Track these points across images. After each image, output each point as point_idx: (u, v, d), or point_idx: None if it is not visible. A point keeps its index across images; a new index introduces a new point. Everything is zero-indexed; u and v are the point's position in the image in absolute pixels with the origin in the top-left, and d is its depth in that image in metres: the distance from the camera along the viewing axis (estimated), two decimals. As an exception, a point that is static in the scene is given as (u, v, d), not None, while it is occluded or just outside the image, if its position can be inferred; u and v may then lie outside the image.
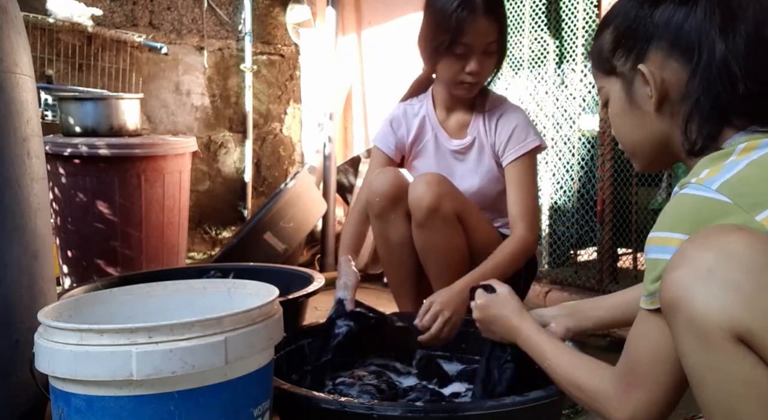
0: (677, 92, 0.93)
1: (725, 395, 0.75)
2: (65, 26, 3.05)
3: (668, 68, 0.93)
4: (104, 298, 1.20)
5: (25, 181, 1.31)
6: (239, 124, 3.75)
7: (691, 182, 0.85)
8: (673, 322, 0.78)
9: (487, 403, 1.13)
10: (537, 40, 2.86)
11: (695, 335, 0.75)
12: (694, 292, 0.75)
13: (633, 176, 2.57)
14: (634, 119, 1.00)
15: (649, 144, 1.00)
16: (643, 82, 0.95)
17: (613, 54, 0.99)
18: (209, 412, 0.98)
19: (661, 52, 0.93)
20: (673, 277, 0.78)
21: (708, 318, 0.74)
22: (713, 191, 0.81)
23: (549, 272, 2.81)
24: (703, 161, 0.89)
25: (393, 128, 1.88)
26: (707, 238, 0.77)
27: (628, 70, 0.98)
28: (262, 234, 2.81)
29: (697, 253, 0.76)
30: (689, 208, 0.84)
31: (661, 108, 0.95)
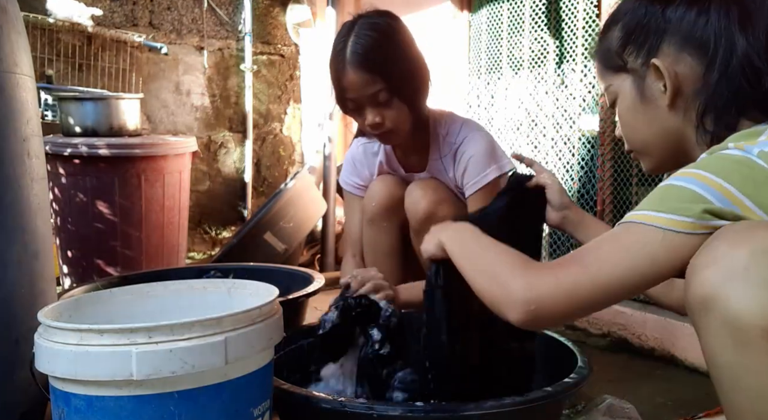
0: (691, 87, 0.93)
1: (759, 397, 0.73)
2: (65, 26, 3.06)
3: (682, 62, 0.93)
4: (104, 298, 1.20)
5: (25, 181, 1.31)
6: (239, 124, 3.75)
7: (729, 146, 0.83)
8: (704, 322, 0.76)
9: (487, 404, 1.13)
10: (537, 40, 2.86)
11: (731, 334, 0.73)
12: (730, 291, 0.73)
13: (633, 176, 2.56)
14: (646, 115, 0.99)
15: (662, 140, 0.99)
16: (656, 76, 0.95)
17: (623, 50, 0.99)
18: (209, 412, 0.98)
19: (674, 46, 0.93)
20: (704, 275, 0.76)
21: (745, 317, 0.72)
22: (755, 155, 0.80)
23: (549, 272, 2.80)
24: (734, 136, 0.86)
25: (357, 168, 1.85)
26: (739, 235, 0.75)
27: (640, 65, 0.97)
28: (262, 234, 2.81)
29: (730, 251, 0.75)
30: (734, 161, 0.81)
31: (674, 103, 0.94)
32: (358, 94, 1.58)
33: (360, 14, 1.63)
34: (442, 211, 1.66)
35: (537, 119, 2.91)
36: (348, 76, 1.57)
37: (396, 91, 1.58)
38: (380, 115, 1.59)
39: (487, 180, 1.67)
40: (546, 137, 2.87)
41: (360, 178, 1.84)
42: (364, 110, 1.60)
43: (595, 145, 2.67)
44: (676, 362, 1.98)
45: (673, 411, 1.64)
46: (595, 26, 2.64)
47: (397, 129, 1.63)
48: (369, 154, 1.83)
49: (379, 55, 1.57)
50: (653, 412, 1.62)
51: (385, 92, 1.57)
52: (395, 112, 1.60)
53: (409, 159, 1.80)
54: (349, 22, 1.62)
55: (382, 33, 1.58)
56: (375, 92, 1.57)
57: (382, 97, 1.57)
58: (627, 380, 1.85)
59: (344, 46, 1.58)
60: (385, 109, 1.59)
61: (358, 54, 1.55)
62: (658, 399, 1.72)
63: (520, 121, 2.97)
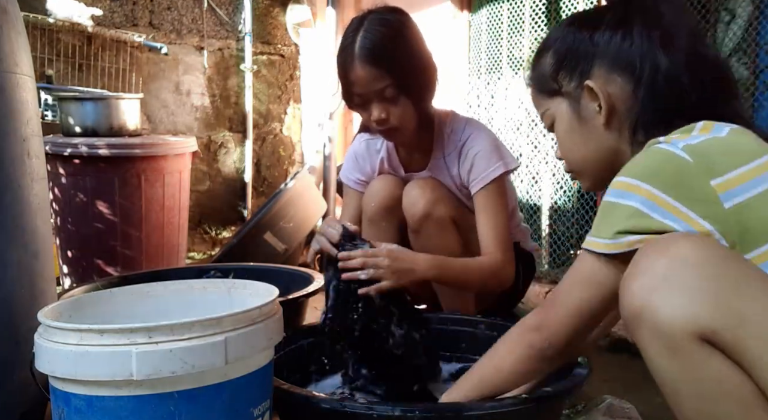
0: (623, 105, 0.99)
1: (700, 399, 0.76)
2: (65, 26, 3.06)
3: (613, 83, 0.99)
4: (104, 298, 1.20)
5: (25, 181, 1.31)
6: (239, 124, 3.75)
7: (660, 141, 0.89)
8: (639, 333, 0.79)
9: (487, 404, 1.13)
10: (537, 40, 2.86)
11: (662, 343, 0.76)
12: (655, 300, 0.76)
13: (633, 176, 2.57)
14: (583, 136, 1.04)
15: (599, 158, 1.05)
16: (590, 98, 1.01)
17: (556, 75, 1.05)
18: (209, 412, 0.98)
19: (605, 68, 1.00)
20: (631, 289, 0.79)
21: (672, 323, 0.75)
22: (679, 148, 0.85)
23: (549, 272, 2.81)
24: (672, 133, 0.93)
25: (359, 164, 1.84)
26: (659, 247, 0.79)
27: (574, 88, 1.03)
28: (262, 234, 2.81)
29: (651, 263, 0.78)
30: (657, 160, 0.88)
31: (609, 122, 1.01)
32: (365, 89, 1.57)
33: (370, 10, 1.62)
34: (439, 210, 1.66)
35: (537, 119, 2.91)
36: (356, 71, 1.55)
37: (403, 88, 1.57)
38: (386, 111, 1.58)
39: (494, 175, 1.66)
40: (546, 137, 2.87)
41: (361, 174, 1.83)
42: (370, 106, 1.59)
43: (595, 145, 2.67)
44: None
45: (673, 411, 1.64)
46: (595, 26, 2.64)
47: (402, 127, 1.62)
48: (371, 151, 1.83)
49: (388, 50, 1.56)
50: (653, 412, 1.62)
51: (392, 88, 1.56)
52: (401, 109, 1.59)
53: (412, 158, 1.79)
54: (358, 18, 1.61)
55: (391, 29, 1.57)
56: (382, 88, 1.56)
57: (388, 93, 1.57)
58: (627, 380, 1.85)
59: (353, 40, 1.56)
60: (391, 106, 1.58)
61: (367, 49, 1.54)
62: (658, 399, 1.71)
63: (520, 121, 2.97)
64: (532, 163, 2.93)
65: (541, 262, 2.84)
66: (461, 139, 1.71)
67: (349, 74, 1.57)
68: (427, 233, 1.67)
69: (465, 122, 1.75)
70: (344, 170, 1.87)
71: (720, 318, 0.73)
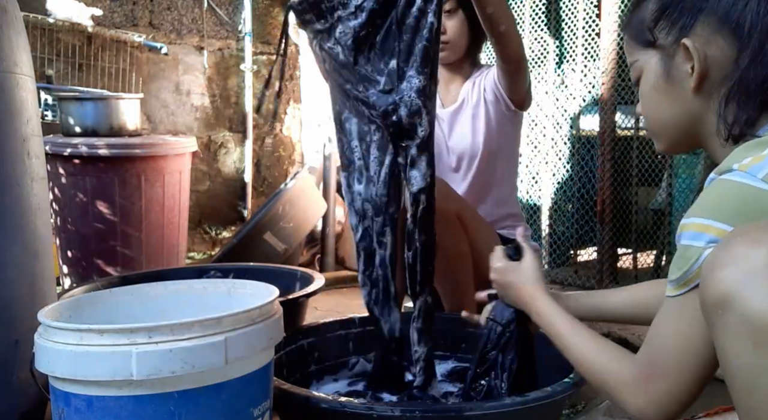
0: (719, 72, 0.90)
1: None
2: (65, 26, 3.05)
3: (714, 45, 0.89)
4: (104, 298, 1.20)
5: (25, 181, 1.31)
6: (239, 124, 3.75)
7: (733, 168, 0.81)
8: (721, 322, 0.75)
9: (487, 404, 1.13)
10: (537, 40, 2.86)
11: (750, 335, 0.72)
12: (749, 290, 0.72)
13: (633, 176, 2.57)
14: (668, 97, 0.96)
15: (680, 124, 0.96)
16: (685, 57, 0.91)
17: (655, 25, 0.95)
18: (209, 412, 0.98)
19: (709, 27, 0.90)
20: (722, 274, 0.74)
21: (765, 316, 0.70)
22: (759, 180, 0.78)
23: (549, 272, 2.81)
24: (741, 148, 0.85)
25: None
26: (757, 234, 0.74)
27: (670, 43, 0.93)
28: (262, 234, 2.81)
29: (748, 250, 0.73)
30: (733, 196, 0.80)
31: (700, 87, 0.91)
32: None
33: None
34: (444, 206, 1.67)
35: (537, 119, 2.91)
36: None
37: (463, 3, 1.67)
38: (444, 25, 1.65)
39: None
40: (546, 137, 2.87)
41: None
42: None
43: (595, 145, 2.67)
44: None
45: (673, 411, 1.64)
46: (595, 26, 2.64)
47: (456, 44, 1.73)
48: None
49: None
50: (653, 412, 1.62)
51: (454, 1, 1.66)
52: (459, 26, 1.69)
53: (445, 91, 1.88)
54: None
55: None
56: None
57: (448, 5, 1.66)
58: (627, 380, 1.85)
59: None
60: (448, 19, 1.67)
61: None
62: (658, 399, 1.72)
63: (520, 121, 2.97)
64: (532, 163, 2.93)
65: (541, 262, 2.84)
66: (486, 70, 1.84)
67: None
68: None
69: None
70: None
71: None
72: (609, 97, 2.54)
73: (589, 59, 2.67)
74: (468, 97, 1.84)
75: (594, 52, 2.65)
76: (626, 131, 2.61)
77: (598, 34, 2.61)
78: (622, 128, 2.61)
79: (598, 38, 2.61)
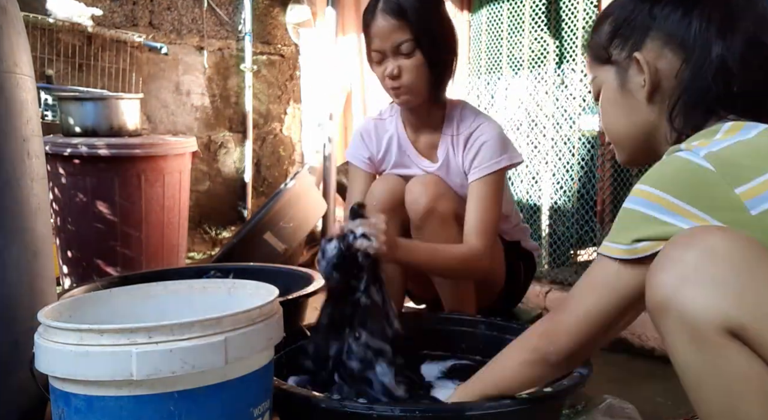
0: (669, 83, 0.97)
1: (724, 393, 0.75)
2: (65, 26, 3.05)
3: (663, 59, 0.98)
4: (104, 298, 1.20)
5: (25, 181, 1.31)
6: (239, 124, 3.75)
7: (681, 148, 0.89)
8: (663, 325, 0.79)
9: (486, 404, 1.13)
10: (537, 40, 2.86)
11: (688, 335, 0.75)
12: (683, 292, 0.76)
13: (633, 176, 2.57)
14: (625, 107, 1.03)
15: (636, 133, 1.04)
16: (637, 70, 0.99)
17: (610, 43, 1.03)
18: (209, 412, 0.98)
19: (658, 42, 0.98)
20: (659, 279, 0.78)
21: (700, 316, 0.74)
22: (701, 157, 0.84)
23: (549, 272, 2.81)
24: (694, 136, 0.92)
25: (365, 142, 1.84)
26: (690, 238, 0.78)
27: (624, 58, 1.02)
28: (262, 234, 2.81)
29: (681, 254, 0.77)
30: (675, 169, 0.87)
31: (652, 97, 0.99)
32: (384, 42, 1.60)
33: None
34: (442, 206, 1.67)
35: (537, 119, 2.91)
36: (377, 23, 1.60)
37: (421, 46, 1.60)
38: (399, 67, 1.61)
39: (497, 166, 1.68)
40: (546, 137, 2.87)
41: (366, 151, 1.84)
42: (386, 60, 1.62)
43: (595, 145, 2.67)
44: (676, 362, 1.97)
45: (673, 411, 1.64)
46: (595, 26, 2.64)
47: (414, 87, 1.64)
48: (380, 130, 1.83)
49: (411, 4, 1.59)
50: (653, 412, 1.62)
51: (410, 44, 1.59)
52: (416, 69, 1.61)
53: (420, 137, 1.79)
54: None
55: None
56: (400, 42, 1.59)
57: (405, 49, 1.60)
58: (627, 380, 1.85)
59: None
60: (405, 61, 1.61)
61: (391, 1, 1.59)
62: (658, 399, 1.72)
63: (520, 121, 2.97)
64: (532, 163, 2.93)
65: (541, 262, 2.84)
66: (470, 127, 1.73)
67: (371, 27, 1.61)
68: (430, 229, 1.68)
69: (476, 113, 1.77)
70: (350, 149, 1.88)
71: (750, 313, 0.72)
72: (609, 97, 2.54)
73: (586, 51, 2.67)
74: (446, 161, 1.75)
75: (594, 52, 2.65)
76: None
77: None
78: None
79: (598, 38, 2.61)
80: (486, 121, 1.73)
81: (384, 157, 1.82)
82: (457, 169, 1.74)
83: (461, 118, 1.75)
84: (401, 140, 1.80)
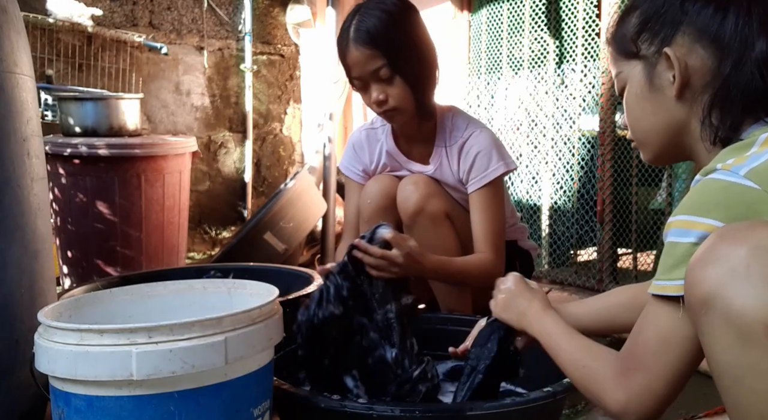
0: (700, 80, 0.93)
1: (765, 395, 0.73)
2: (65, 26, 3.05)
3: (694, 54, 0.93)
4: (104, 298, 1.20)
5: (25, 181, 1.31)
6: (239, 124, 3.75)
7: (717, 168, 0.84)
8: (705, 320, 0.76)
9: (487, 404, 1.13)
10: (537, 40, 2.87)
11: (733, 332, 0.73)
12: (732, 288, 0.73)
13: (633, 176, 2.57)
14: (652, 105, 0.99)
15: (663, 131, 0.99)
16: (667, 66, 0.95)
17: (638, 36, 0.99)
18: (209, 412, 0.98)
19: (689, 37, 0.93)
20: (706, 273, 0.76)
21: (748, 314, 0.72)
22: (741, 177, 0.80)
23: (549, 272, 2.81)
24: (725, 151, 0.88)
25: (357, 154, 1.85)
26: (739, 233, 0.75)
27: (652, 53, 0.97)
28: (262, 234, 2.81)
29: (731, 249, 0.74)
30: (717, 193, 0.82)
31: (681, 94, 0.95)
32: (362, 70, 1.61)
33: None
34: (432, 205, 1.67)
35: (537, 119, 2.91)
36: (351, 53, 1.60)
37: (398, 69, 1.60)
38: (384, 92, 1.61)
39: (494, 175, 1.68)
40: (546, 137, 2.87)
41: (360, 164, 1.84)
42: (369, 88, 1.62)
43: (595, 145, 2.67)
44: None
45: (673, 411, 1.64)
46: (595, 26, 2.65)
47: (402, 108, 1.65)
48: (372, 140, 1.84)
49: (381, 31, 1.59)
50: (653, 412, 1.62)
51: (387, 69, 1.59)
52: (399, 91, 1.62)
53: (413, 147, 1.80)
54: (356, 5, 1.65)
55: (386, 12, 1.61)
56: (376, 69, 1.59)
57: (383, 74, 1.60)
58: (627, 380, 1.84)
59: (349, 25, 1.61)
60: (388, 87, 1.61)
61: (360, 31, 1.58)
62: (658, 399, 1.72)
63: (520, 121, 2.97)
64: (532, 163, 2.94)
65: (541, 262, 2.84)
66: (463, 136, 1.72)
67: (347, 57, 1.61)
68: (421, 228, 1.68)
69: (468, 120, 1.76)
70: (343, 161, 1.88)
71: None
72: (609, 97, 2.54)
73: (589, 59, 2.67)
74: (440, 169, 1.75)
75: (594, 52, 2.65)
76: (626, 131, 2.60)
77: (598, 34, 2.61)
78: (622, 128, 2.61)
79: (598, 38, 2.61)
80: (478, 129, 1.73)
81: (377, 166, 1.83)
82: (451, 175, 1.75)
83: (453, 126, 1.75)
84: (392, 152, 1.81)
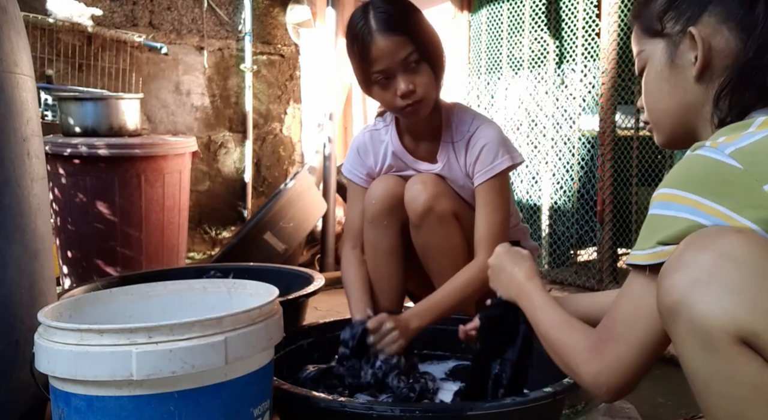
0: (721, 62, 0.92)
1: (732, 401, 0.73)
2: (65, 26, 3.05)
3: (719, 35, 0.92)
4: (104, 298, 1.20)
5: (25, 181, 1.31)
6: (239, 124, 3.75)
7: (705, 145, 0.84)
8: (674, 328, 0.77)
9: (487, 404, 1.13)
10: (537, 40, 2.87)
11: (698, 340, 0.74)
12: (695, 296, 0.73)
13: (633, 176, 2.57)
14: (671, 84, 0.98)
15: (678, 113, 0.99)
16: (690, 46, 0.94)
17: (664, 14, 0.98)
18: (209, 412, 0.98)
19: (715, 18, 0.93)
20: (671, 281, 0.76)
21: (711, 322, 0.72)
22: (726, 155, 0.80)
23: (549, 272, 2.81)
24: (722, 130, 0.88)
25: (361, 157, 1.81)
26: (704, 241, 0.76)
27: (677, 32, 0.96)
28: (262, 234, 2.81)
29: (695, 257, 0.75)
30: (700, 169, 0.83)
31: (702, 76, 0.94)
32: (390, 60, 1.55)
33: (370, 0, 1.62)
34: (441, 205, 1.66)
35: (537, 119, 2.91)
36: (377, 44, 1.54)
37: (425, 54, 1.57)
38: (412, 82, 1.56)
39: (500, 168, 1.67)
40: (546, 137, 2.87)
41: (363, 168, 1.81)
42: (395, 79, 1.57)
43: (595, 145, 2.67)
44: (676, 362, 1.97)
45: (673, 411, 1.64)
46: (595, 26, 2.65)
47: (427, 98, 1.61)
48: (376, 141, 1.80)
49: (404, 17, 1.56)
50: (653, 412, 1.62)
51: (416, 54, 1.56)
52: (426, 78, 1.58)
53: (419, 146, 1.77)
54: (360, 7, 1.62)
55: (400, 2, 1.60)
56: (407, 55, 1.55)
57: (413, 59, 1.56)
58: (627, 380, 1.85)
59: (366, 19, 1.56)
60: (416, 75, 1.57)
61: (384, 20, 1.54)
62: (658, 399, 1.72)
63: (520, 121, 2.97)
64: (532, 163, 2.94)
65: (541, 262, 2.84)
66: (469, 131, 1.71)
67: (370, 52, 1.55)
68: (428, 228, 1.67)
69: (473, 114, 1.75)
70: (346, 165, 1.85)
71: (764, 321, 0.70)
72: (609, 97, 2.54)
73: (589, 59, 2.67)
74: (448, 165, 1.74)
75: (594, 52, 2.65)
76: (626, 131, 2.61)
77: (598, 34, 2.61)
78: (622, 128, 2.61)
79: (598, 38, 2.61)
80: (484, 123, 1.72)
81: (382, 168, 1.80)
82: (459, 170, 1.73)
83: (459, 121, 1.73)
84: (398, 151, 1.78)
